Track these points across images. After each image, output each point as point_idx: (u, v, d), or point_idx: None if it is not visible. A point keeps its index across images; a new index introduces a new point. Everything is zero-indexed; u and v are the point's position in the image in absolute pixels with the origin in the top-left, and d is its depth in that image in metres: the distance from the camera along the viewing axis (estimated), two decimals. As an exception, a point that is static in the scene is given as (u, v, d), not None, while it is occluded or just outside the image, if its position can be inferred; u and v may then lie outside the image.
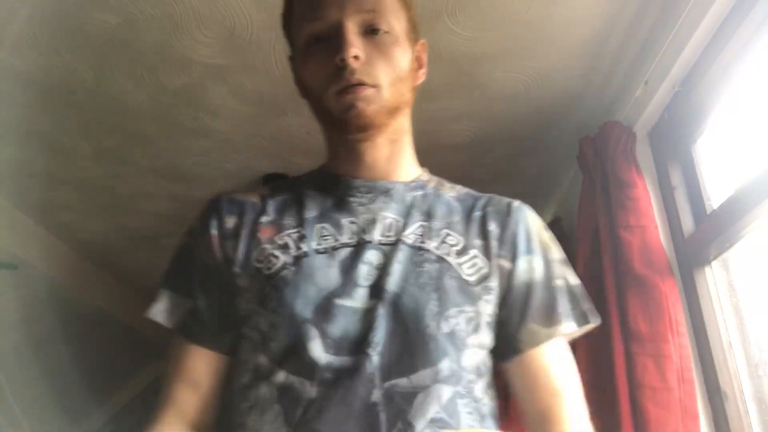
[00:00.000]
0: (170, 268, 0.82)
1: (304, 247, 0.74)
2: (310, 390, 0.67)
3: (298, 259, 0.73)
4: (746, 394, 1.21)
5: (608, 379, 1.30)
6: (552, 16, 1.36)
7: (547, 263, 0.82)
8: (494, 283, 0.77)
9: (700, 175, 1.39)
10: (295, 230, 0.76)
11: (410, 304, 0.71)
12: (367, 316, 0.70)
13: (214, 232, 0.79)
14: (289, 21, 0.82)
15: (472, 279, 0.75)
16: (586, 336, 1.43)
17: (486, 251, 0.78)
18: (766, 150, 1.17)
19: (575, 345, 1.44)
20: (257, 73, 1.57)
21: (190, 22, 1.38)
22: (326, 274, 0.72)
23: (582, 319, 0.82)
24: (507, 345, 0.78)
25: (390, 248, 0.75)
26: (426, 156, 2.19)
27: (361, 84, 0.72)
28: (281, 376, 0.68)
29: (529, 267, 0.80)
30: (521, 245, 0.80)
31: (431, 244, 0.76)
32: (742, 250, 1.26)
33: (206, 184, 2.17)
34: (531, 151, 1.93)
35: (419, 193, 0.83)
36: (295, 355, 0.68)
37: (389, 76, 0.75)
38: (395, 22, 0.77)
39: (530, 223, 0.85)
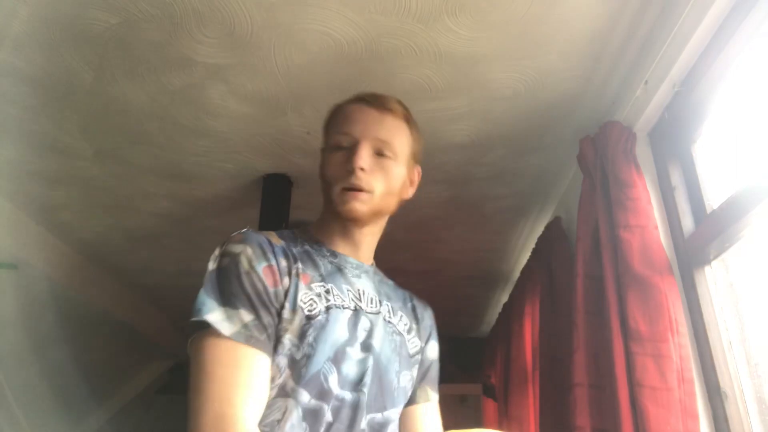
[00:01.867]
0: (224, 287, 0.87)
1: (331, 300, 0.94)
2: (328, 414, 0.87)
3: (328, 309, 0.93)
4: (746, 394, 1.21)
5: (608, 379, 1.30)
6: (552, 16, 1.36)
7: (438, 348, 1.16)
8: (419, 357, 1.09)
9: (700, 175, 1.39)
10: (321, 284, 0.95)
11: (385, 361, 0.98)
12: (362, 364, 0.94)
13: (274, 264, 0.91)
14: (328, 126, 1.07)
15: (412, 352, 1.06)
16: (586, 336, 1.44)
17: (419, 333, 1.10)
18: (765, 150, 1.17)
19: (576, 346, 1.45)
20: (257, 73, 1.57)
21: (190, 22, 1.38)
22: (342, 326, 0.93)
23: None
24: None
25: (374, 317, 0.99)
26: (426, 156, 2.20)
27: (360, 189, 0.97)
28: (305, 398, 0.86)
29: (433, 349, 1.14)
30: (432, 333, 1.15)
31: (395, 320, 1.04)
32: (742, 250, 1.26)
33: (206, 184, 2.17)
34: (531, 151, 1.93)
35: (378, 277, 1.10)
36: (318, 383, 0.88)
37: (383, 188, 0.99)
38: (399, 151, 1.02)
39: (433, 317, 1.18)
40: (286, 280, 0.91)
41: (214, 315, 0.83)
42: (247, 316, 0.85)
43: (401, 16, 1.36)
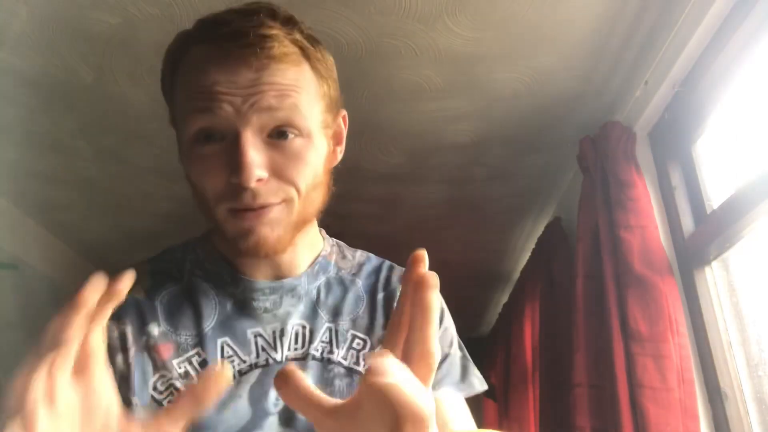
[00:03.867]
0: None
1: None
2: None
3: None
4: (746, 394, 1.21)
5: (608, 379, 1.30)
6: (552, 16, 1.36)
7: (443, 339, 0.79)
8: None
9: (700, 175, 1.39)
10: (194, 351, 0.64)
11: None
12: None
13: (130, 360, 0.62)
14: (171, 88, 0.67)
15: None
16: (586, 336, 1.44)
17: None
18: (766, 150, 1.17)
19: (576, 346, 1.44)
20: (257, 73, 1.57)
21: (190, 22, 1.38)
22: (235, 409, 0.63)
23: (469, 389, 0.79)
24: None
25: (299, 364, 0.67)
26: (426, 156, 2.20)
27: (262, 207, 0.60)
28: None
29: (442, 340, 0.78)
30: None
31: (339, 354, 0.71)
32: (742, 250, 1.26)
33: (206, 184, 2.17)
34: (531, 151, 1.93)
35: (323, 279, 0.75)
36: None
37: (302, 186, 0.62)
38: (308, 115, 0.62)
39: None
40: (119, 358, 0.61)
41: None
42: None
43: (401, 16, 1.36)
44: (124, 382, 0.60)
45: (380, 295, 0.77)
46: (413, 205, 2.31)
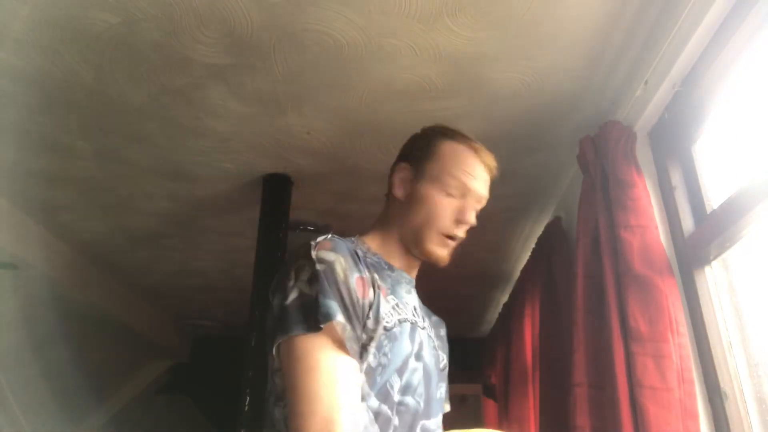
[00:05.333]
0: (338, 296, 0.91)
1: (401, 314, 1.01)
2: (394, 418, 0.95)
3: (400, 323, 1.00)
4: (746, 394, 1.21)
5: (608, 378, 1.30)
6: (552, 15, 1.36)
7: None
8: (446, 371, 1.17)
9: (700, 175, 1.39)
10: (392, 297, 1.01)
11: (431, 373, 1.06)
12: (417, 374, 1.01)
13: (366, 275, 0.97)
14: (425, 153, 1.15)
15: (441, 366, 1.15)
16: (586, 335, 1.44)
17: (443, 348, 1.18)
18: (766, 150, 1.17)
19: (576, 346, 1.44)
20: (257, 73, 1.57)
21: (190, 22, 1.38)
22: (407, 339, 1.01)
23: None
24: None
25: (423, 331, 1.07)
26: (426, 156, 2.15)
27: (457, 239, 1.09)
28: (375, 403, 0.93)
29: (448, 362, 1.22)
30: (448, 348, 1.22)
31: (433, 335, 1.13)
32: (742, 250, 1.26)
33: (206, 184, 2.17)
34: (531, 151, 1.93)
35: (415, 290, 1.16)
36: (385, 390, 0.95)
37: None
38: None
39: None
40: (371, 291, 0.96)
41: (338, 328, 0.89)
42: (346, 325, 0.90)
43: (401, 16, 1.36)
44: (371, 304, 0.95)
45: (433, 318, 1.21)
46: (413, 205, 2.30)
